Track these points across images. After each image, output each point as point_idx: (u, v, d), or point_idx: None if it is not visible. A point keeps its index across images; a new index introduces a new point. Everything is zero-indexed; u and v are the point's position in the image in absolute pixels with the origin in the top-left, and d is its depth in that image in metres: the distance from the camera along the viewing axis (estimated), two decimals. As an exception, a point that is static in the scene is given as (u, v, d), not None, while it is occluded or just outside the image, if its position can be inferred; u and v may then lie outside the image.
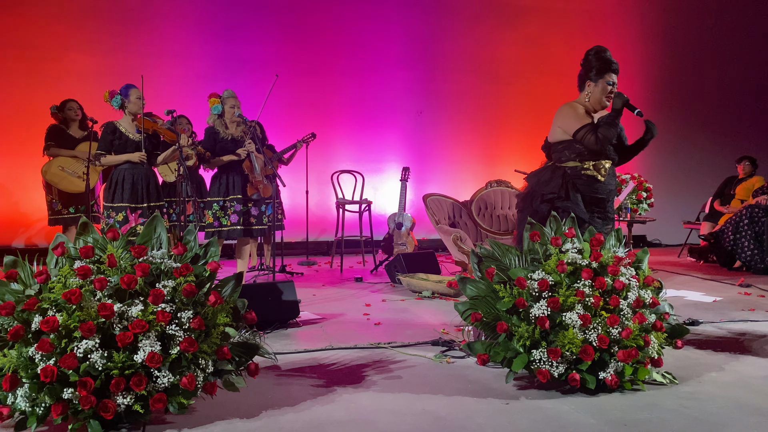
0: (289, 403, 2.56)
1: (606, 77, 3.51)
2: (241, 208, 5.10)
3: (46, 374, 2.04)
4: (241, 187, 5.12)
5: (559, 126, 3.57)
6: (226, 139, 5.12)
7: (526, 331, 2.61)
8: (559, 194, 3.50)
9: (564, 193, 3.50)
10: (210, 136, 5.13)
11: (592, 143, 3.44)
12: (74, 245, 2.41)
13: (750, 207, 6.52)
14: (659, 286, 2.91)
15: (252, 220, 5.16)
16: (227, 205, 5.08)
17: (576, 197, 3.50)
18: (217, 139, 5.11)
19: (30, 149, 6.48)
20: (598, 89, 3.53)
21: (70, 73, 7.09)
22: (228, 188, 5.11)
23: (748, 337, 3.64)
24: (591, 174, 3.52)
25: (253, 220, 5.17)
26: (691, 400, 2.58)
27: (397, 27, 8.34)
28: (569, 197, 3.49)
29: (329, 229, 7.77)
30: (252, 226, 5.17)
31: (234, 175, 5.14)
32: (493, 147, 8.65)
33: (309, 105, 7.88)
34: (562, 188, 3.50)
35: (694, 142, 9.18)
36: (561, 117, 3.57)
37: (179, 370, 2.20)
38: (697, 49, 9.23)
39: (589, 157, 3.51)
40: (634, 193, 6.84)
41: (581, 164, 3.53)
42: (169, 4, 7.58)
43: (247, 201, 5.16)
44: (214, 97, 5.14)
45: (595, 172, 3.52)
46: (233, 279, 2.53)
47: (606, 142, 3.44)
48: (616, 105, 3.45)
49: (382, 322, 4.09)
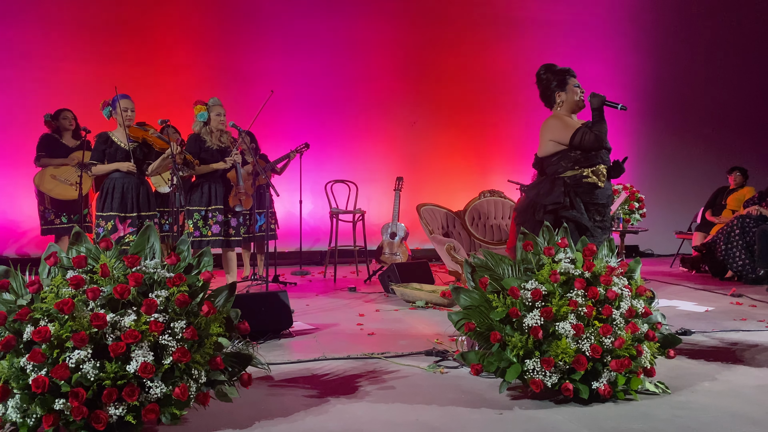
0: (282, 413, 2.55)
1: (569, 81, 3.64)
2: (222, 218, 5.03)
3: (37, 385, 2.03)
4: (223, 198, 5.05)
5: (550, 139, 3.61)
6: (212, 147, 5.06)
7: (519, 340, 2.62)
8: (563, 203, 3.52)
9: (569, 201, 3.53)
10: (195, 143, 5.04)
11: (592, 141, 3.50)
12: (67, 255, 2.40)
13: (741, 217, 6.56)
14: (651, 296, 2.92)
15: (231, 231, 5.07)
16: (209, 215, 4.99)
17: (580, 206, 3.53)
18: (202, 147, 5.03)
19: (22, 158, 6.46)
20: (568, 94, 3.64)
21: (64, 83, 7.08)
22: (210, 198, 5.01)
23: (740, 347, 3.66)
24: (592, 181, 3.55)
25: (232, 231, 5.07)
26: (683, 410, 2.58)
27: (390, 38, 8.38)
28: (574, 206, 3.52)
29: (323, 239, 7.77)
30: (230, 237, 5.08)
31: (216, 185, 5.05)
32: (486, 157, 8.68)
33: (303, 115, 7.89)
34: (565, 197, 3.53)
35: (686, 152, 9.24)
36: (550, 130, 3.61)
37: (172, 381, 2.19)
38: (687, 60, 9.30)
39: (585, 164, 3.55)
40: (627, 203, 6.88)
41: (580, 172, 3.55)
42: (163, 15, 7.59)
43: (228, 212, 5.09)
44: (199, 105, 5.09)
45: (595, 178, 3.56)
46: (226, 289, 2.52)
47: (603, 137, 3.51)
48: (594, 105, 3.54)
49: (375, 332, 4.08)
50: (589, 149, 3.52)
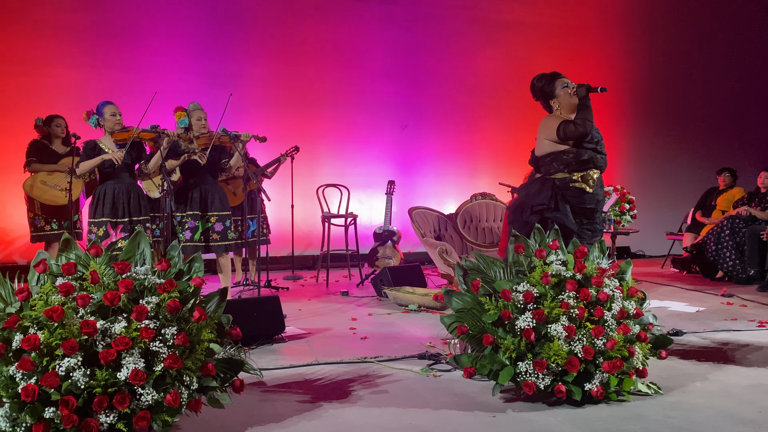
0: (275, 419, 2.54)
1: (556, 86, 3.64)
2: (194, 224, 4.90)
3: (27, 393, 2.01)
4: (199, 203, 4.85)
5: (545, 138, 3.62)
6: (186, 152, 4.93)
7: (512, 343, 2.62)
8: (548, 205, 3.53)
9: (554, 204, 3.54)
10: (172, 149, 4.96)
11: (572, 130, 3.51)
12: (56, 262, 2.38)
13: (731, 218, 6.60)
14: (643, 297, 2.93)
15: (215, 236, 4.93)
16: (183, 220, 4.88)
17: (565, 208, 3.54)
18: (178, 152, 4.94)
19: (11, 164, 6.40)
20: (561, 98, 3.64)
21: (53, 88, 7.04)
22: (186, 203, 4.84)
23: (731, 347, 3.67)
24: (579, 186, 3.56)
25: (217, 237, 4.94)
26: (676, 410, 2.59)
27: (380, 41, 8.39)
28: (559, 208, 3.53)
29: (315, 243, 7.76)
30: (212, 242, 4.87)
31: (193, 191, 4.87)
32: (477, 160, 8.70)
33: (293, 119, 7.88)
34: (551, 199, 3.54)
35: (676, 154, 9.31)
36: (545, 129, 3.63)
37: (163, 388, 2.18)
38: (678, 63, 9.37)
39: (576, 168, 3.56)
40: (617, 204, 6.91)
41: (570, 176, 3.57)
42: (153, 19, 7.57)
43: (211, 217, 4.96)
44: (180, 111, 5.02)
45: (583, 184, 3.57)
46: (217, 294, 2.51)
47: (586, 123, 3.50)
48: (581, 94, 3.56)
49: (368, 336, 4.07)
50: (574, 138, 3.53)
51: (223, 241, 4.88)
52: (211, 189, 4.89)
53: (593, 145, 3.58)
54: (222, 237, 4.87)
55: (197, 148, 4.86)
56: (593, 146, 3.58)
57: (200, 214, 4.83)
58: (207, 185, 4.89)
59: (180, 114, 4.96)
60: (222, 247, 4.86)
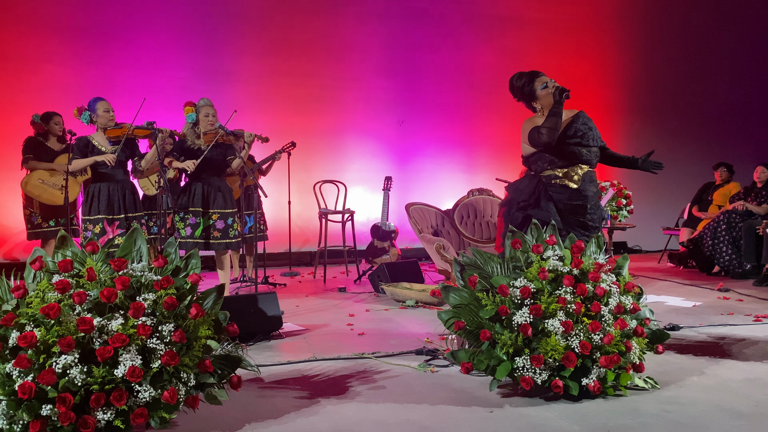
0: (272, 415, 2.54)
1: (539, 86, 3.61)
2: (195, 221, 4.86)
3: (23, 391, 2.01)
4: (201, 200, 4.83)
5: (524, 141, 3.68)
6: (193, 148, 4.92)
7: (509, 338, 2.62)
8: (529, 201, 3.56)
9: (534, 200, 3.56)
10: (178, 145, 4.94)
11: (537, 138, 3.50)
12: (53, 259, 2.38)
13: (727, 213, 6.62)
14: (640, 292, 2.94)
15: (216, 233, 4.92)
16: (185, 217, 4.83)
17: (548, 205, 3.54)
18: (183, 147, 4.94)
19: (7, 162, 6.39)
20: (545, 99, 3.62)
21: (48, 85, 7.01)
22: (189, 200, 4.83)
23: (728, 341, 3.69)
24: (562, 183, 3.57)
25: (218, 234, 4.95)
26: (672, 405, 2.60)
27: (377, 37, 8.37)
28: (539, 205, 3.54)
29: (312, 240, 7.75)
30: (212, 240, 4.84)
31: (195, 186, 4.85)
32: (474, 156, 8.70)
33: (289, 114, 7.86)
34: (532, 196, 3.56)
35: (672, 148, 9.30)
36: (523, 133, 3.67)
37: (161, 384, 2.17)
38: (673, 58, 9.37)
39: (561, 164, 3.57)
40: (614, 200, 6.92)
41: (554, 172, 3.58)
42: (147, 16, 7.54)
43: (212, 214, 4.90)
44: (189, 106, 5.01)
45: (566, 180, 3.57)
46: (215, 291, 2.51)
47: (551, 132, 3.46)
48: (556, 97, 3.53)
49: (365, 332, 4.08)
50: (539, 147, 3.54)
51: (224, 239, 4.86)
52: (214, 186, 4.87)
53: (577, 140, 3.55)
54: (223, 235, 4.84)
55: (204, 144, 4.86)
56: (577, 140, 3.55)
57: (202, 210, 4.82)
58: (211, 182, 4.87)
59: (188, 109, 4.95)
60: (222, 244, 4.84)
